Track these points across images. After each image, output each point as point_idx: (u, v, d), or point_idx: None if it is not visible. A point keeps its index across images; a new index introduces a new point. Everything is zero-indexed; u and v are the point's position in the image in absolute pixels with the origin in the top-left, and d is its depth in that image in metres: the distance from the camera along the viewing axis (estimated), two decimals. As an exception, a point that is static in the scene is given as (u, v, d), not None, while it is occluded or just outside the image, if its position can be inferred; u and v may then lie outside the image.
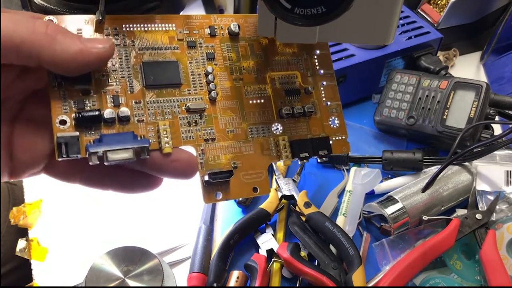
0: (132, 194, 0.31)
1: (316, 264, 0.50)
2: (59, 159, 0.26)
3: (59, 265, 0.50)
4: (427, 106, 0.61)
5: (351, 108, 0.69)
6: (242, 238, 0.52)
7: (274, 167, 0.57)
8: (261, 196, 0.57)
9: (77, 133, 0.27)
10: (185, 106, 0.31)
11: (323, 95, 0.36)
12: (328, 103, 0.36)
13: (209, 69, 0.32)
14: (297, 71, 0.36)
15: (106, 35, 0.30)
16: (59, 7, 0.44)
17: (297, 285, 0.49)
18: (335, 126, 0.36)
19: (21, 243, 0.51)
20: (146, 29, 0.31)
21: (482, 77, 0.76)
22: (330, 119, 0.36)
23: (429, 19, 0.75)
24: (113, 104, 0.29)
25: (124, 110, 0.29)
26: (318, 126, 0.35)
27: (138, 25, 0.31)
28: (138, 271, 0.40)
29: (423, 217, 0.52)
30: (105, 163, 0.27)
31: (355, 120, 0.67)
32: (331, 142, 0.35)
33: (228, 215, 0.56)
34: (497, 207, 0.53)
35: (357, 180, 0.57)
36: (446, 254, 0.50)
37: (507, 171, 0.55)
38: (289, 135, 0.34)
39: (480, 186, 0.55)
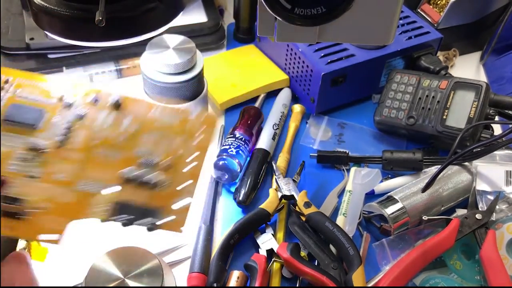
0: None
1: (316, 264, 0.50)
2: None
3: (59, 265, 0.50)
4: (427, 106, 0.61)
5: (351, 108, 0.69)
6: (242, 238, 0.52)
7: (274, 167, 0.57)
8: (261, 196, 0.57)
9: None
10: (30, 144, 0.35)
11: (184, 173, 0.37)
12: (183, 185, 0.36)
13: (71, 124, 0.36)
14: (167, 150, 0.37)
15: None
16: (59, 7, 0.44)
17: (297, 285, 0.50)
18: (178, 207, 0.36)
19: (21, 243, 0.51)
20: (34, 83, 0.37)
21: (482, 77, 0.76)
22: (177, 199, 0.36)
23: (429, 19, 0.75)
24: None
25: None
26: (160, 199, 0.35)
27: (33, 81, 0.37)
28: (138, 271, 0.40)
29: (423, 217, 0.52)
30: None
31: (355, 120, 0.67)
32: (164, 220, 0.35)
33: (228, 215, 0.56)
34: (497, 207, 0.53)
35: (357, 180, 0.57)
36: (446, 254, 0.50)
37: (507, 171, 0.55)
38: (122, 197, 0.35)
39: (480, 186, 0.55)
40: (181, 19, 0.52)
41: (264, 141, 0.61)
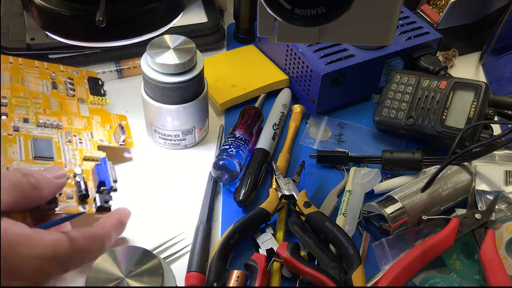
0: None
1: (315, 263, 0.50)
2: None
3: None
4: (426, 106, 0.61)
5: (351, 108, 0.69)
6: (242, 238, 0.52)
7: (274, 167, 0.58)
8: (261, 196, 0.57)
9: None
10: None
11: None
12: None
13: None
14: None
15: None
16: (59, 8, 0.44)
17: (297, 285, 0.50)
18: None
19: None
20: None
21: (481, 77, 0.76)
22: None
23: (428, 19, 0.75)
24: None
25: None
26: None
27: None
28: (138, 271, 0.40)
29: (422, 217, 0.52)
30: None
31: (355, 120, 0.67)
32: None
33: (228, 214, 0.56)
34: (496, 207, 0.53)
35: (357, 180, 0.57)
36: (446, 254, 0.50)
37: (506, 171, 0.56)
38: None
39: (480, 186, 0.55)
40: (181, 20, 0.53)
41: (264, 141, 0.61)
